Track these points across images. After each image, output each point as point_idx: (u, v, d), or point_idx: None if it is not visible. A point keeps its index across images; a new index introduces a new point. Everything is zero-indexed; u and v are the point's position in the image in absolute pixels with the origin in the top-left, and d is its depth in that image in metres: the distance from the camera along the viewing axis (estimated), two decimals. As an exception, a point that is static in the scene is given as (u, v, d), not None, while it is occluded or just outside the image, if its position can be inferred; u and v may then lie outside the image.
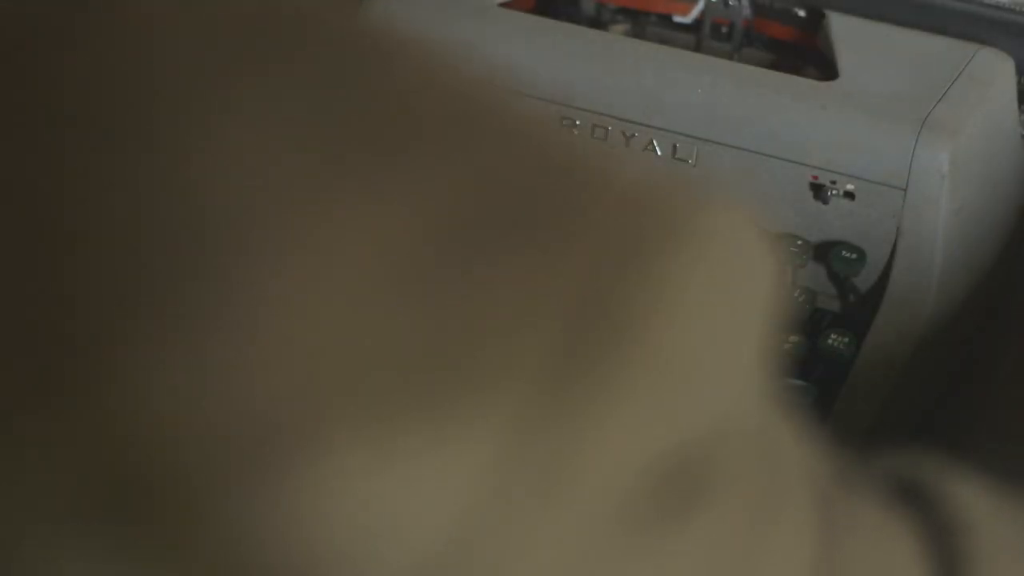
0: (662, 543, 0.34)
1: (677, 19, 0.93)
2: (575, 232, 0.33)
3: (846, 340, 0.80)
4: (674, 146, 0.84)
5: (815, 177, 0.82)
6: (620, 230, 0.33)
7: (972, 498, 0.46)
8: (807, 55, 0.90)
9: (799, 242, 0.83)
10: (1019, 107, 0.88)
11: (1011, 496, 0.48)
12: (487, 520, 0.32)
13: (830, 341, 0.80)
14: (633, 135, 0.84)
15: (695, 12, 0.93)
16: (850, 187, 0.82)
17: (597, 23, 0.94)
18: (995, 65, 0.86)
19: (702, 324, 0.34)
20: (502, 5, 0.90)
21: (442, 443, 0.31)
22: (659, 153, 0.84)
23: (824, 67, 0.88)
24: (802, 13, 0.91)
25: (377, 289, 0.31)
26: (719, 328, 0.35)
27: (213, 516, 0.30)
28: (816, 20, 0.90)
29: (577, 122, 0.85)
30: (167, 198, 0.31)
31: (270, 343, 0.31)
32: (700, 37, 0.93)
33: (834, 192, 0.82)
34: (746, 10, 0.92)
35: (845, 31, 0.87)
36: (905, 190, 0.81)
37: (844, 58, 0.85)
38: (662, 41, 0.91)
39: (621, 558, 0.34)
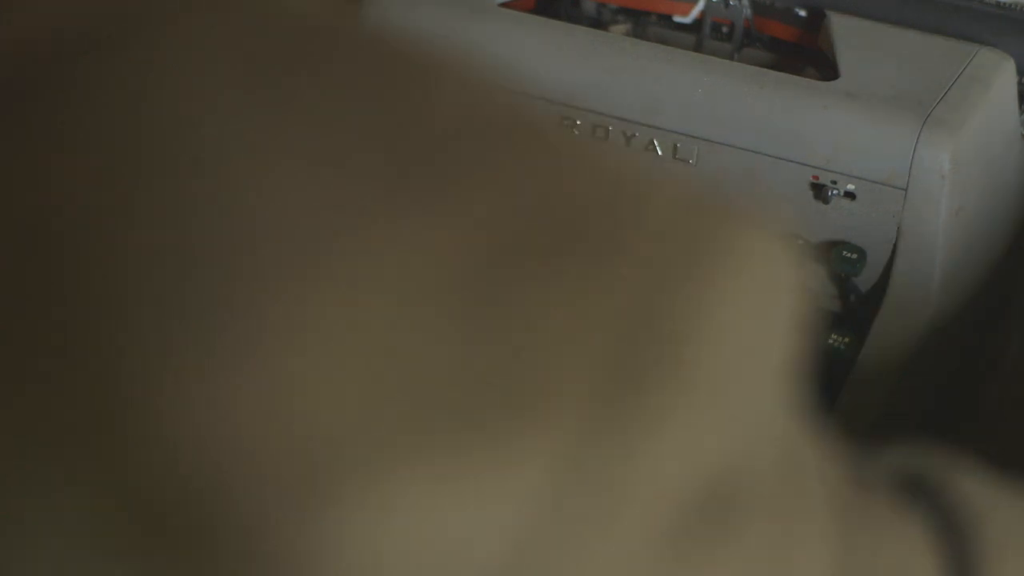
0: (705, 565, 0.35)
1: (677, 19, 0.94)
2: (620, 253, 0.33)
3: (847, 340, 0.80)
4: (675, 146, 0.84)
5: (816, 177, 0.82)
6: (663, 251, 0.34)
7: (977, 490, 0.46)
8: (808, 55, 0.90)
9: (799, 242, 0.83)
10: (1020, 107, 0.88)
11: (1014, 487, 0.48)
12: (542, 541, 0.32)
13: (831, 341, 0.80)
14: (634, 135, 0.84)
15: (695, 12, 0.93)
16: (851, 187, 0.82)
17: (598, 23, 0.94)
18: (995, 65, 0.86)
19: (740, 345, 0.34)
20: (502, 5, 0.90)
21: (497, 465, 0.31)
22: (659, 153, 0.84)
23: (825, 67, 0.88)
24: (803, 13, 0.91)
25: (427, 311, 0.31)
26: (755, 348, 0.35)
27: (265, 545, 0.30)
28: (817, 20, 0.90)
29: (578, 122, 0.85)
30: (213, 224, 0.31)
31: (320, 367, 0.30)
32: (700, 37, 0.93)
33: (835, 192, 0.82)
34: (746, 10, 0.92)
35: (846, 31, 0.87)
36: (906, 190, 0.81)
37: (845, 58, 0.85)
38: (662, 41, 0.91)
39: None
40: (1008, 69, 0.86)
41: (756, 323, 0.35)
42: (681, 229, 0.34)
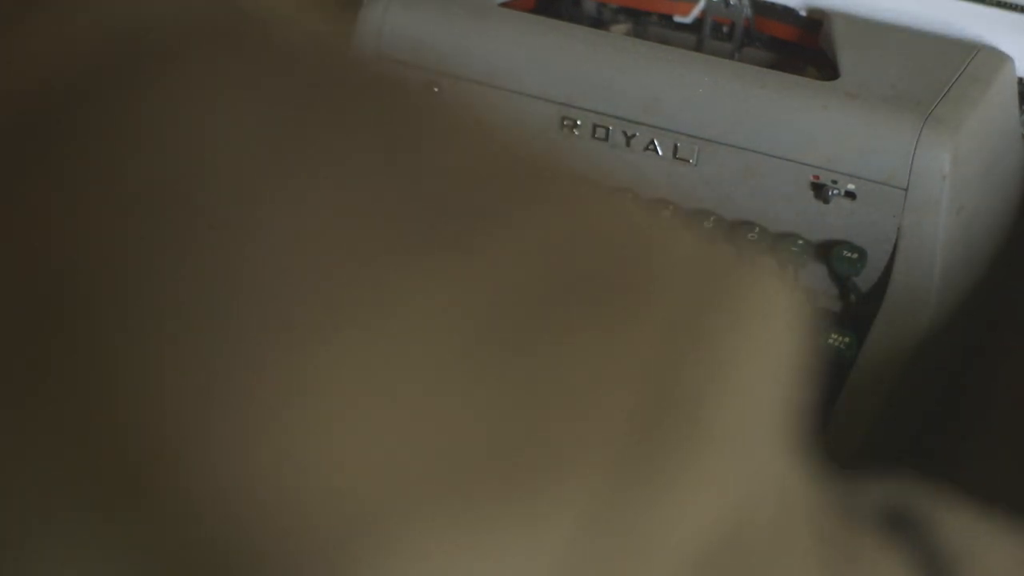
0: None
1: (678, 19, 0.93)
2: (639, 308, 0.34)
3: (847, 340, 0.80)
4: (675, 146, 0.84)
5: (816, 177, 0.82)
6: (681, 306, 0.34)
7: (962, 527, 0.46)
8: (808, 55, 0.90)
9: (800, 242, 0.83)
10: (1020, 106, 0.88)
11: (1002, 522, 0.48)
12: None
13: (831, 341, 0.80)
14: (634, 135, 0.84)
15: (696, 12, 0.93)
16: (851, 187, 0.82)
17: (598, 23, 0.94)
18: (996, 64, 0.86)
19: (751, 397, 0.35)
20: (503, 5, 0.90)
21: (521, 525, 0.31)
22: (660, 153, 0.84)
23: (825, 67, 0.88)
24: (803, 13, 0.91)
25: (451, 368, 0.31)
26: (764, 399, 0.36)
27: None
28: (817, 20, 0.90)
29: (578, 122, 0.85)
30: (231, 282, 0.31)
31: (344, 427, 0.31)
32: (701, 37, 0.93)
33: (835, 192, 0.82)
34: (747, 10, 0.92)
35: (846, 31, 0.87)
36: (906, 190, 0.81)
37: (845, 58, 0.85)
38: (663, 41, 0.91)
39: None
40: (1009, 68, 0.86)
41: (766, 375, 0.35)
42: (696, 281, 0.34)
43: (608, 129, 0.85)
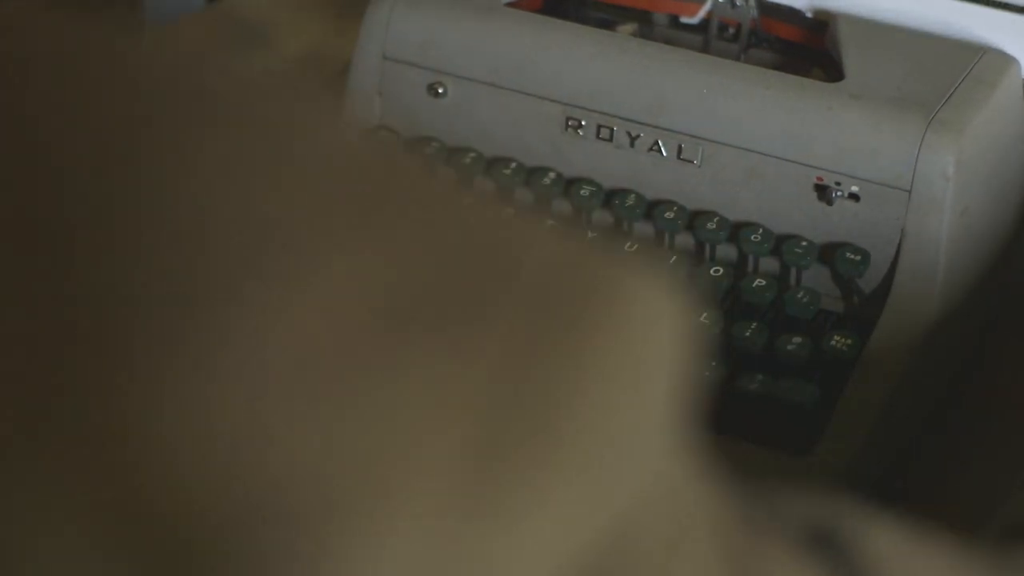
0: None
1: (684, 20, 0.94)
2: (487, 322, 0.33)
3: (850, 341, 0.80)
4: (679, 146, 0.84)
5: (820, 178, 0.82)
6: (533, 317, 0.33)
7: (889, 548, 0.45)
8: (814, 56, 0.91)
9: (803, 243, 0.83)
10: (1025, 109, 0.88)
11: (932, 544, 0.47)
12: None
13: (834, 342, 0.80)
14: (639, 135, 0.85)
15: (702, 13, 0.93)
16: (855, 189, 0.82)
17: (604, 23, 0.94)
18: (1001, 67, 0.86)
19: (616, 406, 0.34)
20: (509, 5, 0.90)
21: (363, 553, 0.31)
22: (664, 154, 0.85)
23: (830, 68, 0.88)
24: (809, 14, 0.91)
25: (282, 397, 0.31)
26: (633, 406, 0.34)
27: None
28: (823, 21, 0.90)
29: (583, 122, 0.85)
30: (149, 267, 0.32)
31: (194, 450, 0.30)
32: (707, 38, 0.93)
33: (839, 193, 0.82)
34: (753, 11, 0.92)
35: (851, 32, 0.87)
36: (910, 192, 0.81)
37: (850, 59, 0.85)
38: (669, 42, 0.91)
39: None
40: (1014, 71, 0.86)
41: (635, 381, 0.34)
42: (554, 292, 0.34)
43: (612, 130, 0.85)
